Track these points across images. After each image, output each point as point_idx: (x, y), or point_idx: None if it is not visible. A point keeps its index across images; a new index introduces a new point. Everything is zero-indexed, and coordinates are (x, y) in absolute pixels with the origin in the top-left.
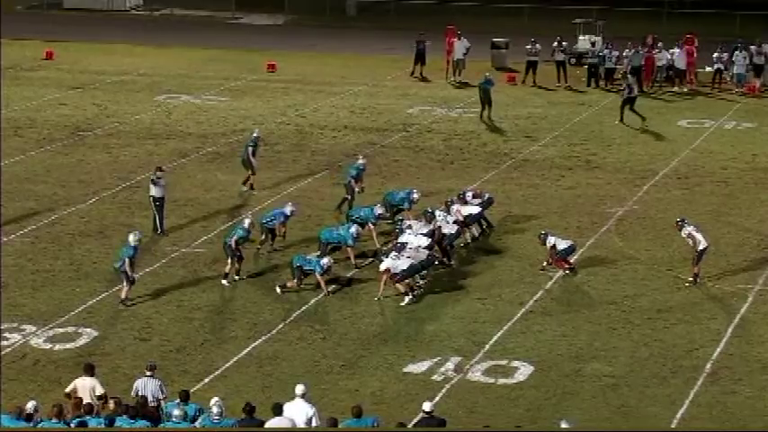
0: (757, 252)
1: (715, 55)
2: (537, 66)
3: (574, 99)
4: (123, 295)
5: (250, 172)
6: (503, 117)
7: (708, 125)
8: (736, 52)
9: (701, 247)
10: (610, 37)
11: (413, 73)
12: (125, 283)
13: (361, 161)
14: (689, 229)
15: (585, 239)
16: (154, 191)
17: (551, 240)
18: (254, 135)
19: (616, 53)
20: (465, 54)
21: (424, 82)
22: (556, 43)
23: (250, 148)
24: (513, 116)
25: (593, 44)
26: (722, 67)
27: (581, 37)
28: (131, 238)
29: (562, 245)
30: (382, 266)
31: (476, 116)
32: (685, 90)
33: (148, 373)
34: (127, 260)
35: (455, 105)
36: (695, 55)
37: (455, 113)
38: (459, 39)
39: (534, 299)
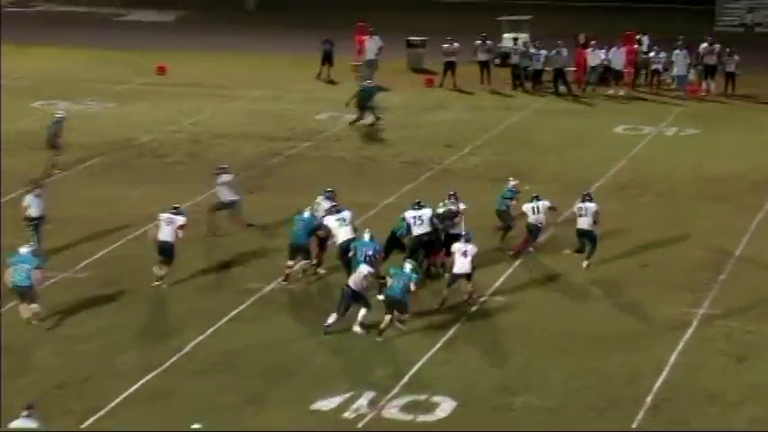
0: (702, 271)
1: (651, 54)
2: (455, 66)
3: (499, 103)
4: (30, 314)
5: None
6: (420, 124)
7: (647, 131)
8: (676, 51)
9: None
10: (539, 35)
11: (320, 75)
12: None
13: None
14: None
15: (513, 260)
16: (31, 209)
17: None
18: (58, 116)
19: (544, 52)
20: (377, 54)
21: (333, 85)
22: (479, 41)
23: (52, 129)
24: (431, 123)
25: (515, 42)
26: (660, 68)
27: (506, 35)
28: (24, 251)
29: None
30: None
31: (392, 122)
32: (622, 93)
33: (25, 413)
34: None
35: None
36: (636, 54)
37: (368, 119)
38: (371, 37)
39: (458, 324)
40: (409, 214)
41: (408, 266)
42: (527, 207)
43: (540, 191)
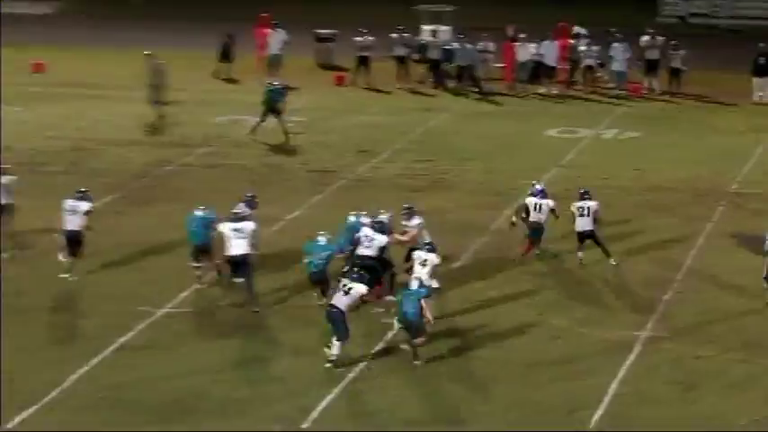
0: (646, 290)
1: (582, 48)
2: (369, 62)
3: (419, 104)
4: None
5: None
6: (330, 127)
7: (583, 135)
8: (615, 44)
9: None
10: (462, 27)
11: (217, 73)
12: None
13: None
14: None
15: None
16: None
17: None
18: None
19: (469, 46)
20: (282, 49)
21: (233, 84)
22: (396, 35)
23: None
24: (343, 126)
25: (435, 35)
26: (593, 63)
27: (425, 27)
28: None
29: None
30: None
31: (298, 126)
32: (555, 92)
33: None
34: None
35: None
36: (571, 49)
37: (272, 123)
38: (275, 30)
39: (373, 351)
40: (364, 230)
41: (415, 283)
42: (529, 201)
43: (464, 202)
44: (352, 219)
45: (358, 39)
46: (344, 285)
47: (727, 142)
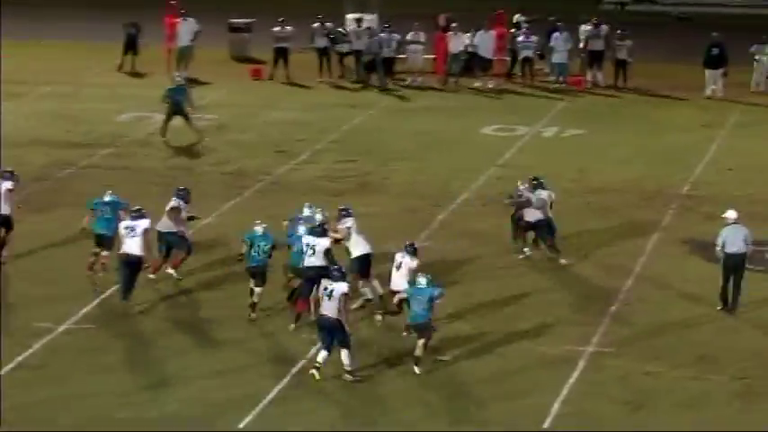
0: (589, 301)
1: (520, 39)
2: (288, 54)
3: (342, 99)
4: None
5: None
6: (246, 125)
7: (521, 132)
8: (555, 34)
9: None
10: (388, 15)
11: (121, 66)
12: None
13: None
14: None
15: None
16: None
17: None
18: None
19: (397, 37)
20: (193, 40)
21: (138, 78)
22: (317, 24)
23: None
24: (260, 124)
25: (359, 24)
26: (532, 55)
27: (349, 15)
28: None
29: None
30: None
31: (213, 124)
32: (491, 86)
33: None
34: None
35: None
36: (509, 39)
37: (181, 121)
38: (185, 19)
39: (294, 371)
40: (304, 239)
41: (423, 280)
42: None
43: (392, 207)
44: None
45: (275, 29)
46: (325, 288)
47: (677, 140)
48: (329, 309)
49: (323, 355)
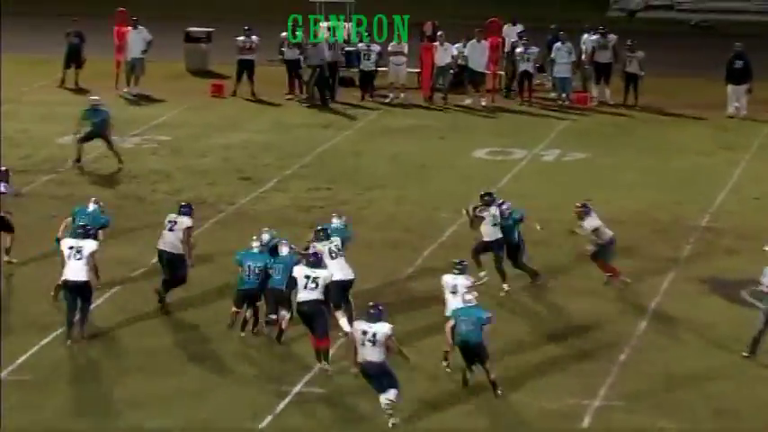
0: (597, 348)
1: (518, 50)
2: (253, 68)
3: (314, 119)
4: None
5: None
6: (205, 148)
7: (518, 156)
8: (557, 45)
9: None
10: (367, 23)
11: (63, 81)
12: None
13: None
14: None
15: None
16: None
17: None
18: None
19: (377, 48)
20: (144, 51)
21: (82, 95)
22: (285, 33)
23: None
24: (221, 147)
25: (332, 33)
26: (530, 69)
27: (322, 23)
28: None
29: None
30: None
31: (164, 147)
32: (483, 103)
33: None
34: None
35: (130, 131)
36: (504, 51)
37: (130, 143)
38: (136, 28)
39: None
40: (300, 270)
41: (471, 297)
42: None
43: (370, 241)
44: (284, 251)
45: (239, 38)
46: (364, 333)
47: (695, 165)
48: (374, 354)
49: (383, 398)
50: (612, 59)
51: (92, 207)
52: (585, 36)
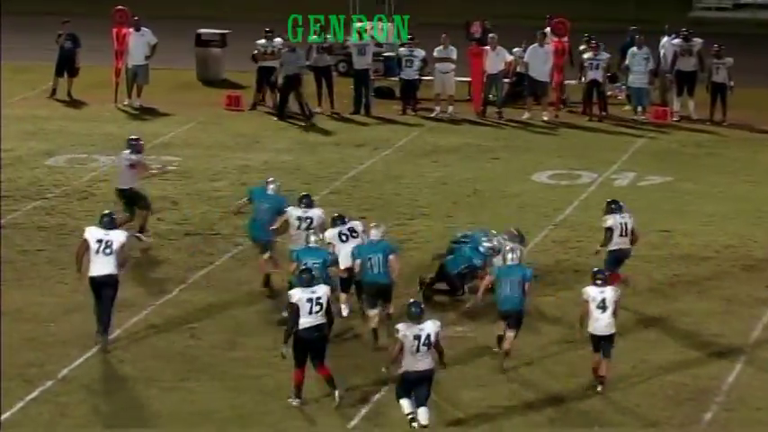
0: (678, 405)
1: (586, 55)
2: (277, 76)
3: (347, 136)
4: None
5: None
6: (219, 171)
7: (586, 180)
8: (633, 50)
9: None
10: (408, 24)
11: (54, 92)
12: None
13: None
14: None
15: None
16: None
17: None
18: None
19: (421, 53)
20: (148, 57)
21: (76, 108)
22: (316, 35)
23: None
24: (236, 168)
25: (361, 36)
26: (599, 78)
27: (357, 24)
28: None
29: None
30: None
31: (175, 169)
32: (546, 118)
33: None
34: None
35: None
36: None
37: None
38: (138, 30)
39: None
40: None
41: (515, 256)
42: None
43: (411, 277)
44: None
45: (261, 42)
46: (418, 337)
47: None
48: (425, 360)
49: (408, 403)
50: (697, 67)
51: (272, 188)
52: (665, 40)
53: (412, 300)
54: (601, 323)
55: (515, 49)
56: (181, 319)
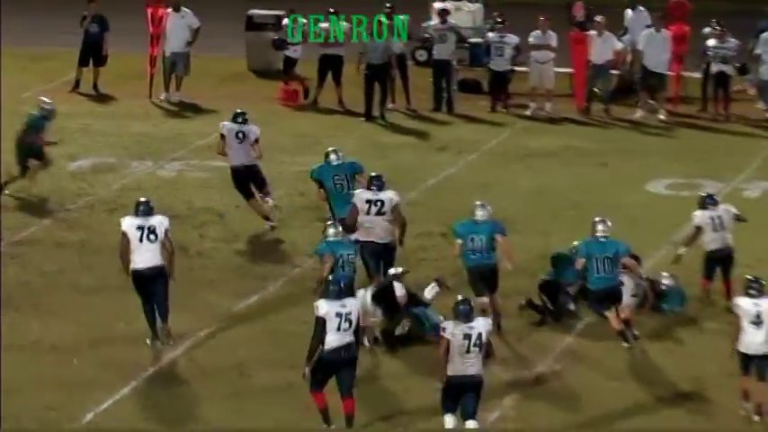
0: None
1: (710, 42)
2: (341, 66)
3: (423, 137)
4: None
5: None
6: (272, 179)
7: (710, 190)
8: (765, 35)
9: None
10: (494, 5)
11: (78, 84)
12: None
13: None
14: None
15: None
16: None
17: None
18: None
19: (514, 40)
20: (189, 43)
21: (103, 104)
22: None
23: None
24: (293, 175)
25: (443, 19)
26: (726, 70)
27: (437, 4)
28: None
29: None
30: None
31: (214, 177)
32: (662, 117)
33: None
34: None
35: (170, 154)
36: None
37: (170, 170)
38: (178, 10)
39: None
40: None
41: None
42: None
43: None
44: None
45: (324, 25)
46: (467, 336)
47: None
48: (476, 364)
49: (451, 420)
50: None
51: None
52: None
53: (462, 298)
54: (756, 340)
55: (626, 36)
56: (228, 354)
